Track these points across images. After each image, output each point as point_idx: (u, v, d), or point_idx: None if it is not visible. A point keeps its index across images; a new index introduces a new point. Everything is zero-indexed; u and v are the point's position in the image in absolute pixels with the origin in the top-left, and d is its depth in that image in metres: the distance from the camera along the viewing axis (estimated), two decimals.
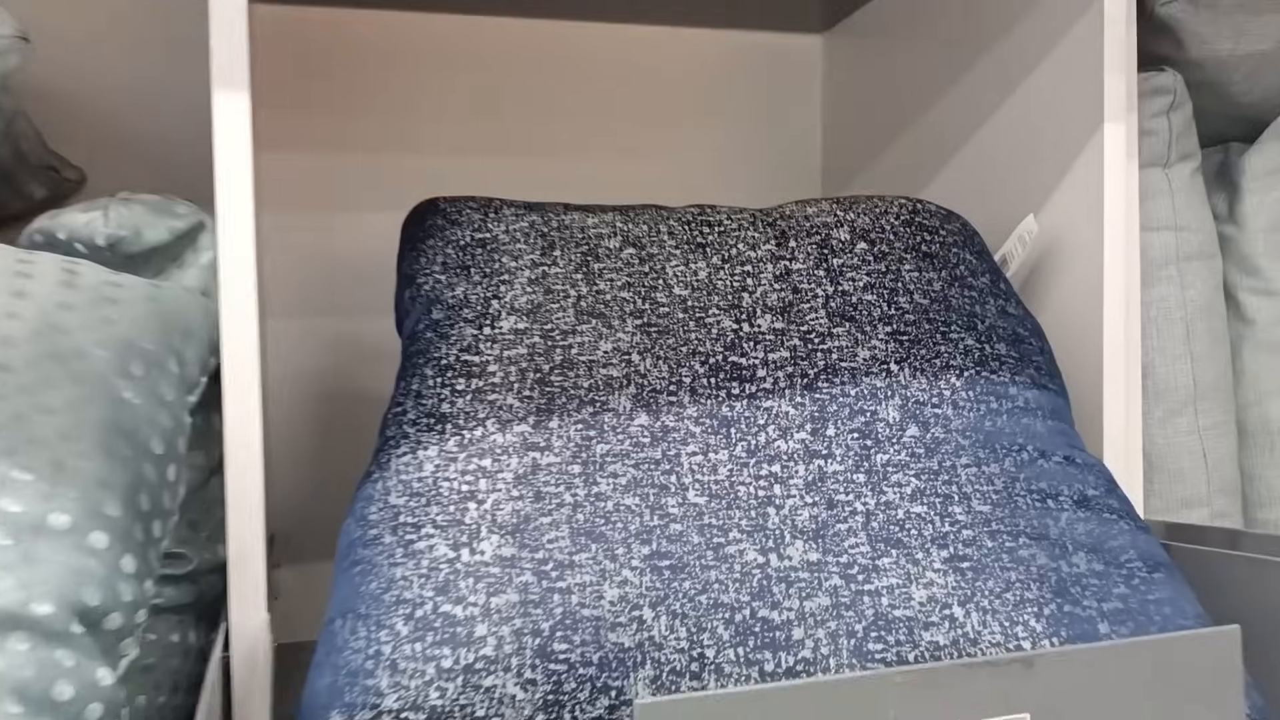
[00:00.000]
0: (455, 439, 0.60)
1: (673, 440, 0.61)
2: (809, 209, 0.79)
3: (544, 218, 0.76)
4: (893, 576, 0.58)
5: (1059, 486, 0.64)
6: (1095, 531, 0.62)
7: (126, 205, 0.71)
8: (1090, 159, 0.85)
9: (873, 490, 0.61)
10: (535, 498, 0.58)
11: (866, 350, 0.68)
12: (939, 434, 0.64)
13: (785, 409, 0.64)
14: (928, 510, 0.61)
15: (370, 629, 0.53)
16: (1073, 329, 0.88)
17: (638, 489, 0.59)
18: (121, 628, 0.55)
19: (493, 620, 0.53)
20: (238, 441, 0.66)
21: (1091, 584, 0.59)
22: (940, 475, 0.62)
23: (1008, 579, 0.58)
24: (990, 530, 0.60)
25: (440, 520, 0.56)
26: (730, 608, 0.55)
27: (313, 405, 1.09)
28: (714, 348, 0.67)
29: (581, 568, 0.55)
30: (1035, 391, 0.69)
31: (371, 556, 0.56)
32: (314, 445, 1.08)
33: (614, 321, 0.67)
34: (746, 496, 0.60)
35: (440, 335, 0.67)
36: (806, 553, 0.58)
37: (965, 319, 0.71)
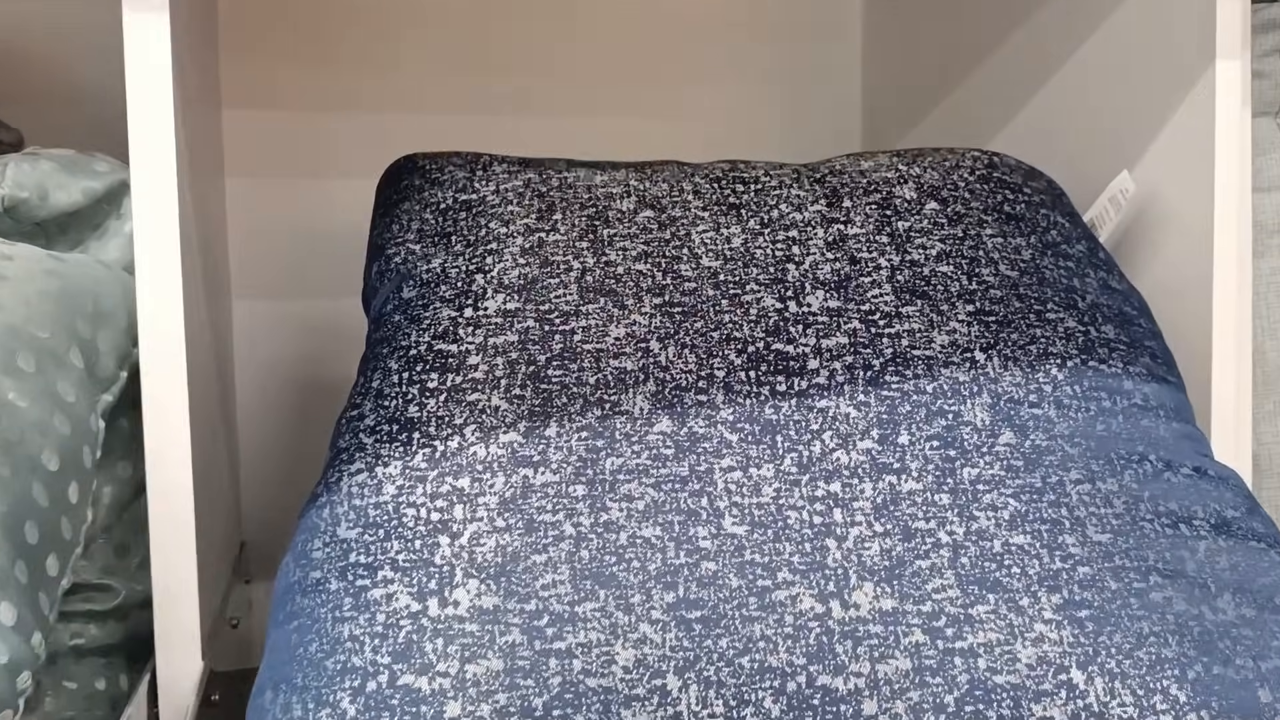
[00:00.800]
0: (424, 452, 0.47)
1: (703, 452, 0.48)
2: (864, 163, 0.66)
3: (542, 175, 0.63)
4: (992, 630, 0.44)
5: (1192, 507, 0.50)
6: (1241, 565, 0.49)
7: (31, 162, 0.58)
8: (1198, 104, 0.71)
9: (960, 515, 0.48)
10: (527, 529, 0.44)
11: (944, 334, 0.54)
12: (1040, 441, 0.51)
13: (845, 410, 0.51)
14: (1032, 541, 0.47)
15: (308, 706, 0.41)
16: (1175, 307, 0.73)
17: (659, 516, 0.46)
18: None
19: (469, 696, 0.40)
20: (161, 457, 0.53)
21: (1244, 636, 0.46)
22: (1045, 494, 0.49)
23: (1139, 631, 0.45)
24: (1113, 567, 0.47)
25: (402, 560, 0.43)
26: (781, 674, 0.42)
27: (287, 396, 0.96)
28: (753, 332, 0.53)
29: (586, 622, 0.42)
30: (1154, 385, 0.55)
31: (313, 608, 0.43)
32: (288, 442, 0.95)
33: (628, 300, 0.54)
34: (799, 525, 0.46)
35: (411, 319, 0.54)
36: (879, 599, 0.45)
37: (1063, 295, 0.58)
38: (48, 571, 0.47)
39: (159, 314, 0.52)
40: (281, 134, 0.98)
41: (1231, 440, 0.71)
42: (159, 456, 0.53)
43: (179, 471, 0.53)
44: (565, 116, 1.06)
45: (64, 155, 0.61)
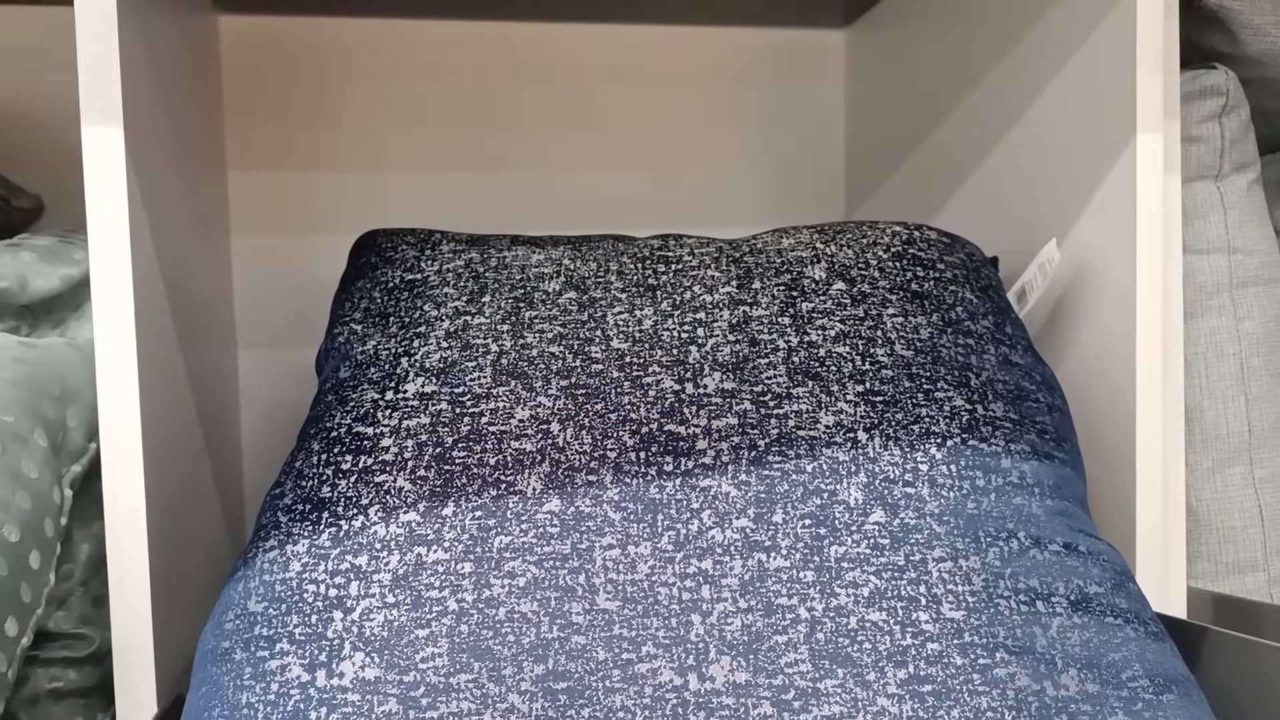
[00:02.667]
0: (330, 531, 0.52)
1: (586, 530, 0.53)
2: (785, 240, 0.69)
3: (483, 255, 0.68)
4: (836, 704, 0.48)
5: (1053, 584, 0.53)
6: (1093, 641, 0.52)
7: (13, 253, 0.65)
8: (1121, 175, 0.74)
9: (821, 592, 0.51)
10: (414, 604, 0.49)
11: (831, 415, 0.58)
12: (909, 519, 0.54)
13: (726, 489, 0.55)
14: (887, 618, 0.51)
15: None
16: (1101, 372, 0.76)
17: (538, 592, 0.50)
18: None
19: None
20: (117, 524, 0.59)
21: (1083, 710, 0.49)
22: (907, 572, 0.52)
23: (977, 706, 0.48)
24: (962, 644, 0.50)
25: (299, 633, 0.49)
26: None
27: (291, 438, 1.02)
28: (649, 414, 0.58)
29: (459, 693, 0.47)
30: (1034, 463, 0.58)
31: (218, 676, 0.49)
32: None
33: (536, 383, 0.59)
34: (668, 600, 0.51)
35: (340, 399, 0.59)
36: (734, 672, 0.49)
37: (957, 373, 0.61)
38: (6, 633, 0.53)
39: (115, 391, 0.58)
40: (285, 193, 1.05)
41: (1158, 498, 0.74)
42: (115, 523, 0.59)
43: (134, 536, 0.59)
44: (557, 171, 1.11)
45: (45, 244, 0.67)
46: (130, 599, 0.59)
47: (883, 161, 1.11)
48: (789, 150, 1.17)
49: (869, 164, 1.14)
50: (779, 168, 1.17)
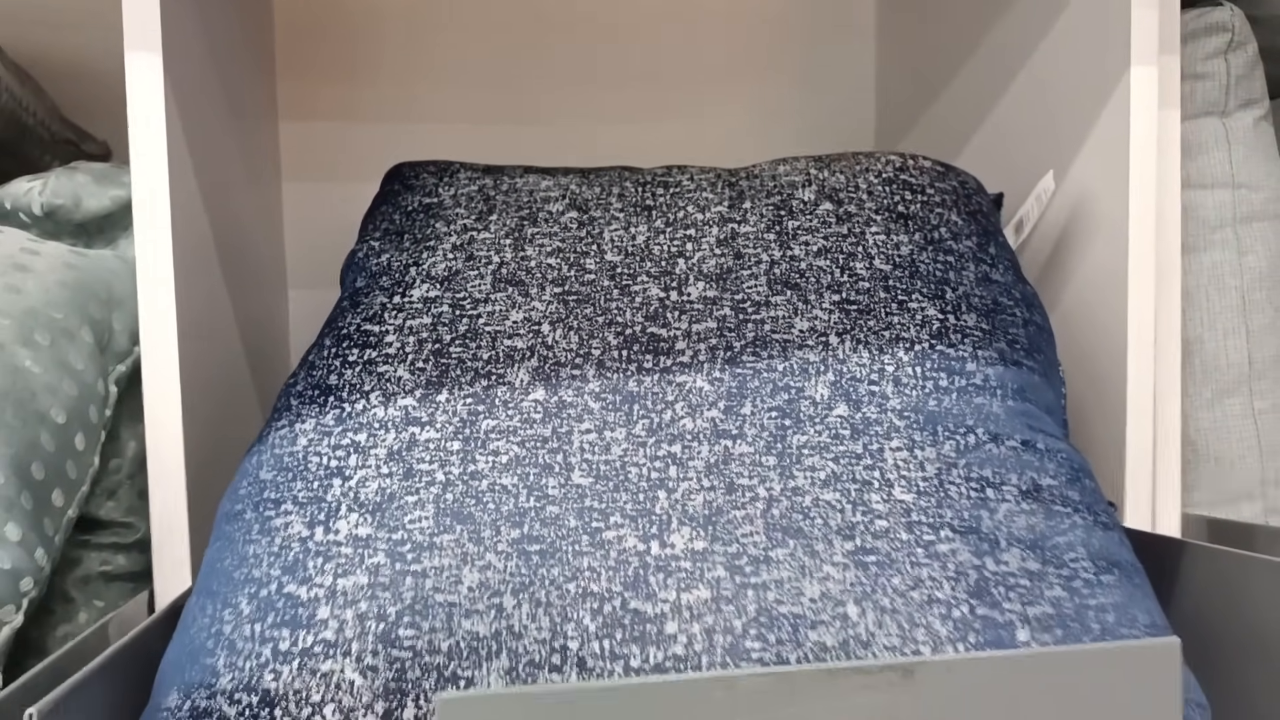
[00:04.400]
0: (335, 412, 0.57)
1: (566, 417, 0.57)
2: (782, 167, 0.73)
3: (496, 181, 0.73)
4: (785, 569, 0.52)
5: (1006, 475, 0.56)
6: (1039, 526, 0.55)
7: (69, 174, 0.71)
8: (1115, 109, 0.76)
9: (780, 475, 0.55)
10: (405, 475, 0.54)
11: (805, 321, 0.62)
12: (871, 414, 0.58)
13: (700, 385, 0.59)
14: (839, 498, 0.55)
15: (216, 607, 0.52)
16: (1096, 303, 0.79)
17: (518, 468, 0.55)
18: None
19: (336, 603, 0.51)
20: (157, 416, 0.65)
21: (1020, 585, 0.52)
22: (863, 459, 0.56)
23: (917, 576, 0.52)
24: (909, 522, 0.54)
25: (301, 497, 0.54)
26: (600, 597, 0.51)
27: None
28: (634, 318, 0.62)
29: (442, 550, 0.52)
30: (999, 368, 0.61)
31: (231, 533, 0.54)
32: None
33: (531, 290, 0.63)
34: (637, 478, 0.55)
35: (354, 305, 0.64)
36: (692, 541, 0.53)
37: (932, 287, 0.64)
38: (53, 502, 0.60)
39: (154, 298, 0.64)
40: (335, 142, 1.11)
41: (1148, 425, 0.76)
42: (156, 413, 0.65)
43: (170, 428, 0.65)
44: (589, 122, 1.15)
45: (100, 168, 0.74)
46: (168, 489, 0.65)
47: (908, 111, 1.13)
48: (821, 102, 1.20)
49: (897, 114, 1.16)
50: (811, 119, 1.20)
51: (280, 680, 0.49)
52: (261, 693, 0.49)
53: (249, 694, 0.49)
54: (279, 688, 0.49)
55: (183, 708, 0.49)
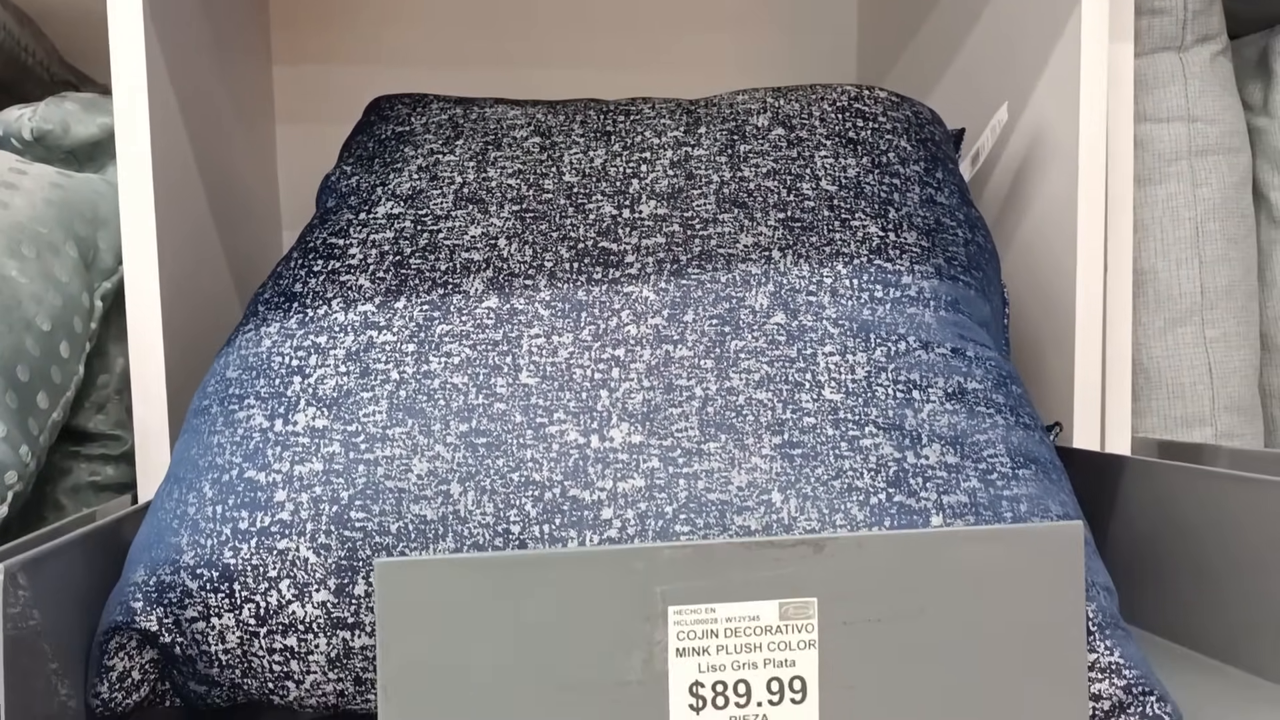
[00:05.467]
0: (298, 317, 0.61)
1: (517, 323, 0.60)
2: (740, 96, 0.76)
3: (466, 110, 0.76)
4: (715, 461, 0.55)
5: (933, 378, 0.59)
6: (961, 425, 0.57)
7: (59, 102, 0.75)
8: (1067, 44, 0.78)
9: (717, 376, 0.58)
10: (362, 374, 0.58)
11: (750, 237, 0.65)
12: (807, 322, 0.61)
13: (646, 294, 0.62)
14: (771, 397, 0.58)
15: (182, 491, 0.55)
16: (1050, 233, 0.81)
17: (469, 368, 0.58)
18: None
19: (293, 487, 0.54)
20: (139, 335, 0.68)
21: (937, 476, 0.55)
22: (796, 363, 0.59)
23: (840, 467, 0.55)
24: (835, 419, 0.57)
25: (264, 393, 0.58)
26: (541, 485, 0.55)
27: None
28: (586, 233, 0.65)
29: (393, 441, 0.56)
30: (935, 281, 0.64)
31: (198, 425, 0.58)
32: None
33: (491, 208, 0.66)
34: (581, 379, 0.58)
35: (322, 222, 0.68)
36: (630, 435, 0.56)
37: (876, 207, 0.67)
38: (38, 404, 0.64)
39: (134, 215, 0.67)
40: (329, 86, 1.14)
41: (1096, 351, 0.78)
42: (137, 325, 0.68)
43: (150, 340, 0.68)
44: (576, 68, 1.18)
45: (88, 97, 0.77)
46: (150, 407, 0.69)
47: (889, 55, 1.15)
48: (803, 47, 1.22)
49: (878, 59, 1.18)
50: (793, 65, 1.22)
51: (239, 557, 0.53)
52: (221, 568, 0.53)
53: (210, 569, 0.53)
54: (238, 563, 0.53)
55: (149, 582, 0.53)
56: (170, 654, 0.54)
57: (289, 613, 0.52)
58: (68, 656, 0.53)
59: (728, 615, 0.49)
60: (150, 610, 0.53)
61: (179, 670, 0.55)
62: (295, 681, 0.54)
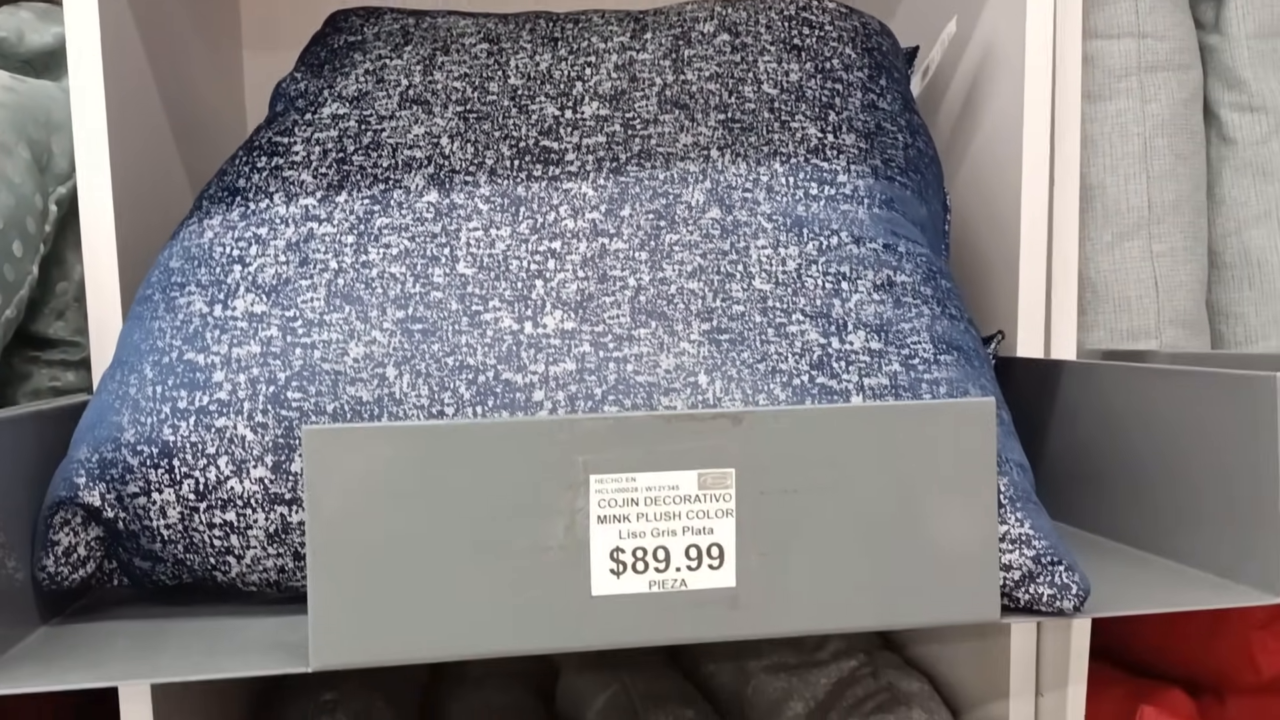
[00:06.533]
0: (240, 210, 0.62)
1: (456, 216, 0.61)
2: (689, 5, 0.76)
3: (420, 21, 0.77)
4: (645, 346, 0.57)
5: (863, 271, 0.60)
6: (887, 314, 0.59)
7: (13, 10, 0.75)
8: None
9: (650, 267, 0.60)
10: (301, 263, 0.59)
11: (690, 137, 0.66)
12: (742, 217, 0.62)
13: (584, 191, 0.63)
14: (702, 287, 0.59)
15: (124, 373, 0.57)
16: (998, 148, 0.82)
17: (407, 259, 0.59)
18: None
19: (231, 368, 0.55)
20: (92, 236, 0.69)
21: (860, 360, 0.57)
22: (729, 255, 0.60)
23: (765, 351, 0.56)
24: (764, 307, 0.58)
25: (204, 280, 0.59)
26: (475, 369, 0.56)
27: None
28: (528, 133, 0.66)
29: (330, 326, 0.57)
30: (871, 180, 0.65)
31: (140, 312, 0.59)
32: None
33: (435, 109, 0.67)
34: (518, 269, 0.59)
35: (269, 123, 0.69)
36: (563, 322, 0.57)
37: (816, 110, 0.68)
38: None
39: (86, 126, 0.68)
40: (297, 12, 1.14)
41: (1040, 264, 0.80)
42: (90, 246, 0.68)
43: (106, 253, 0.69)
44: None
45: (43, 6, 0.78)
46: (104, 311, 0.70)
47: None
48: None
49: None
50: None
51: (178, 434, 0.54)
52: (161, 444, 0.54)
53: (149, 446, 0.54)
54: (177, 440, 0.54)
55: (91, 459, 0.55)
56: (114, 530, 0.56)
57: (227, 488, 0.54)
58: (15, 532, 0.55)
59: (648, 484, 0.50)
60: (93, 485, 0.54)
61: (124, 547, 0.56)
62: (236, 556, 0.56)
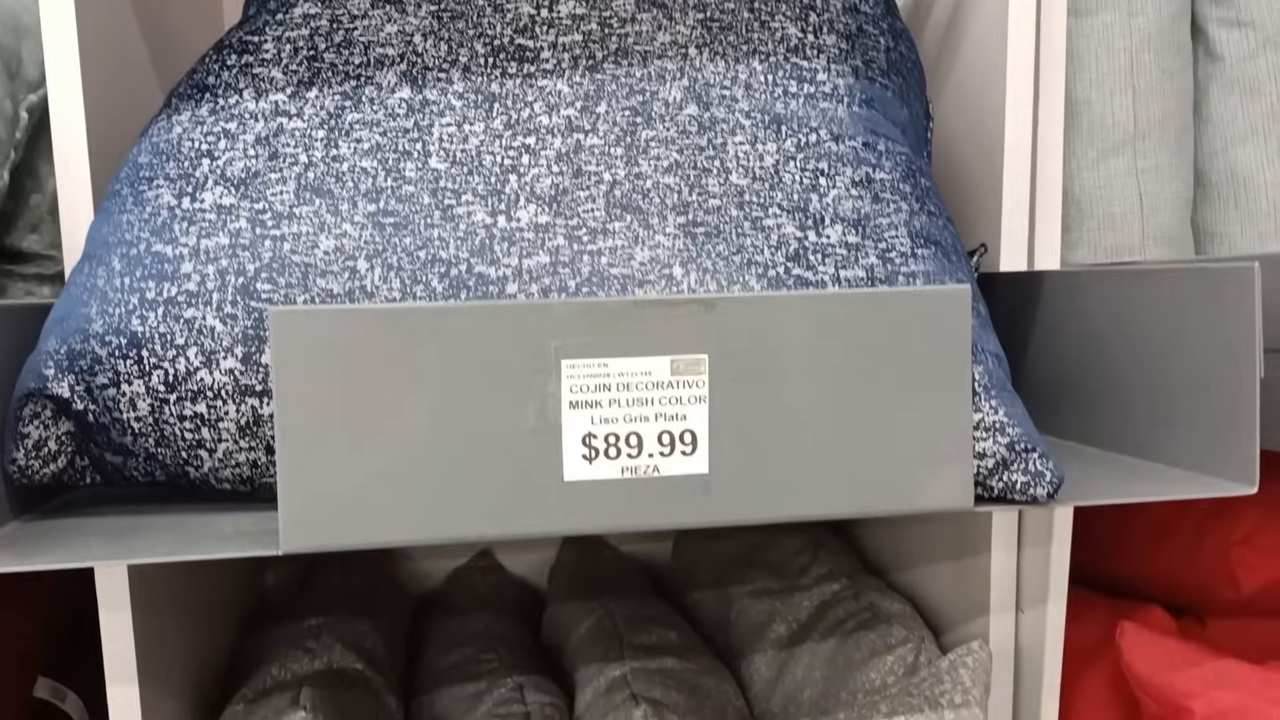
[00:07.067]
0: (209, 105, 0.61)
1: (429, 112, 0.61)
2: None
3: None
4: (619, 239, 0.56)
5: (841, 167, 0.60)
6: (866, 209, 0.58)
7: None
8: None
9: (626, 162, 0.59)
10: (270, 157, 0.58)
11: (668, 35, 0.65)
12: (720, 114, 0.61)
13: (560, 88, 0.62)
14: (679, 182, 0.58)
15: (92, 267, 0.56)
16: (982, 65, 0.81)
17: (379, 154, 0.59)
18: None
19: (199, 260, 0.55)
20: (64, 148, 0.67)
21: (837, 254, 0.56)
22: (705, 151, 0.59)
23: (741, 244, 0.56)
24: (741, 201, 0.57)
25: (172, 174, 0.58)
26: (448, 263, 0.55)
27: None
28: (503, 31, 0.65)
29: (300, 219, 0.56)
30: (851, 80, 0.64)
31: (109, 207, 0.59)
32: None
33: (408, 7, 0.66)
34: (491, 164, 0.59)
35: (241, 24, 0.67)
36: (537, 215, 0.57)
37: (796, 10, 0.67)
38: None
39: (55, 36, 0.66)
40: None
41: (1024, 179, 0.79)
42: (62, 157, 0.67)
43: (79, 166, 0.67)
44: None
45: None
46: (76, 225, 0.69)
47: None
48: None
49: None
50: None
51: (146, 325, 0.54)
52: (129, 335, 0.54)
53: (118, 336, 0.54)
54: (145, 331, 0.54)
55: (60, 350, 0.54)
56: (84, 423, 0.55)
57: (197, 379, 0.54)
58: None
59: (620, 370, 0.50)
60: (62, 377, 0.54)
61: (95, 442, 0.56)
62: (208, 450, 0.55)
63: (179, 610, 0.77)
